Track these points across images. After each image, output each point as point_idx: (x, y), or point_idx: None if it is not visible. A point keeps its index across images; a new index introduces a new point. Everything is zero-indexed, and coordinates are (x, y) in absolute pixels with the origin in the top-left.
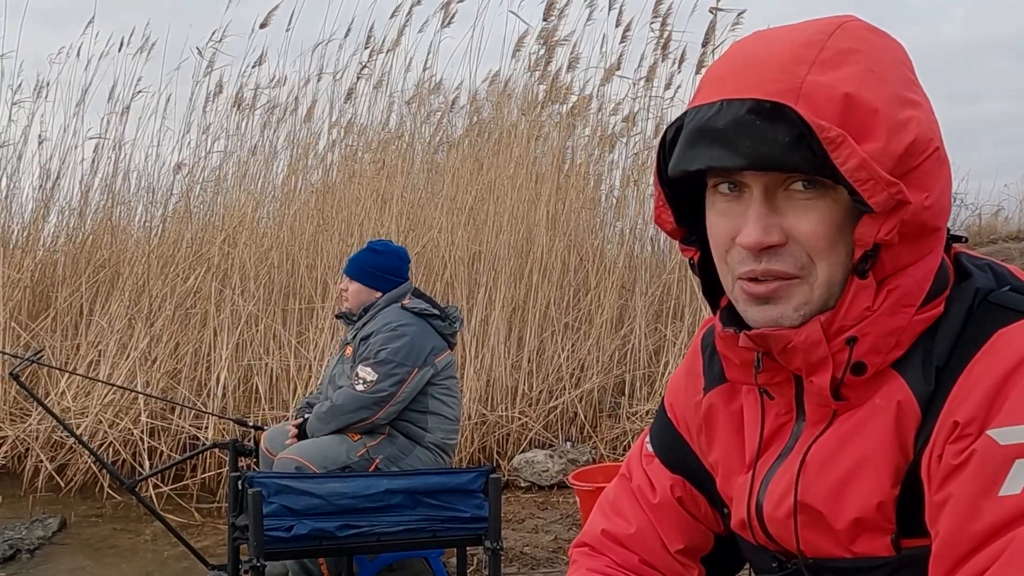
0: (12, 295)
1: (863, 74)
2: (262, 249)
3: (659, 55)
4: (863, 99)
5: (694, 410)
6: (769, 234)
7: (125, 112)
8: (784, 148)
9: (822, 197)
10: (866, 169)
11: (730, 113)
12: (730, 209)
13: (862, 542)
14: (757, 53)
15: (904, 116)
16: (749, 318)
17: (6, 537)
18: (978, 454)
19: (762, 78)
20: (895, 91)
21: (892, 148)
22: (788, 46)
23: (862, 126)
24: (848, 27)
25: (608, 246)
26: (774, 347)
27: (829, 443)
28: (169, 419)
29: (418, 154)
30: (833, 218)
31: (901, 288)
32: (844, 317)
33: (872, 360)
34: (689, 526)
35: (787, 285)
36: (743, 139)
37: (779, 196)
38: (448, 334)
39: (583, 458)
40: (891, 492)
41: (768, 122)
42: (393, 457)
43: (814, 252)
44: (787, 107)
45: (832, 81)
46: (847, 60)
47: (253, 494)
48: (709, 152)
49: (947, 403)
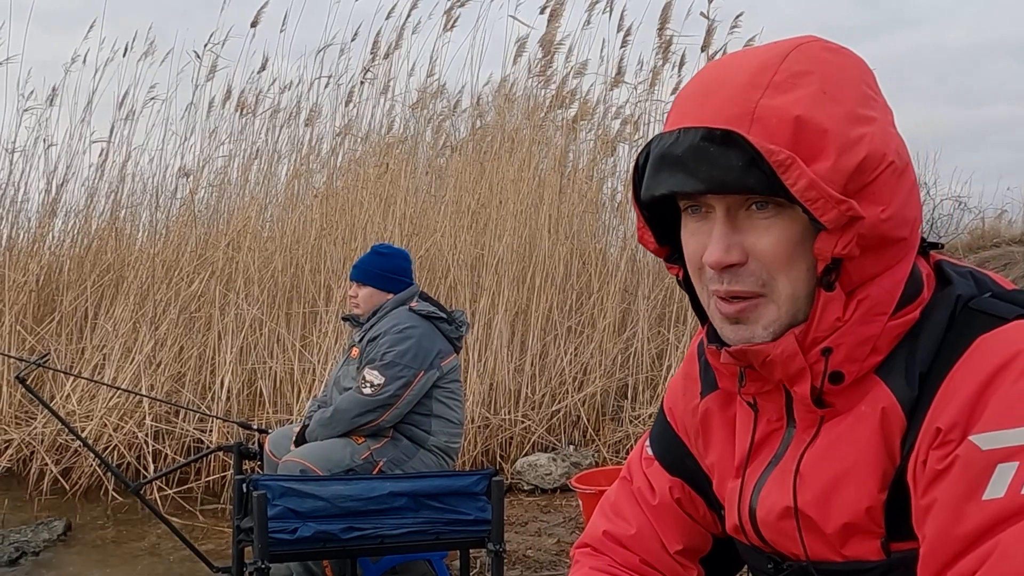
0: (18, 299)
1: (814, 95)
2: (266, 253)
3: (660, 59)
4: (813, 120)
5: (692, 414)
6: (730, 253)
7: (131, 117)
8: (738, 172)
9: (780, 215)
10: (815, 189)
11: (687, 141)
12: (699, 229)
13: (852, 546)
14: (717, 79)
15: (856, 134)
16: (725, 336)
17: (11, 540)
18: (961, 459)
19: (718, 105)
20: (848, 109)
21: (842, 166)
22: (744, 71)
23: (812, 147)
24: (803, 48)
25: (611, 250)
26: (754, 361)
27: (819, 450)
28: (173, 422)
29: (421, 158)
30: (791, 236)
31: (871, 297)
32: (817, 329)
33: (849, 368)
34: (688, 527)
35: (753, 305)
36: (700, 165)
37: (740, 216)
38: (454, 338)
39: (586, 461)
40: (879, 497)
41: (721, 148)
42: (397, 460)
43: (773, 269)
44: (736, 134)
45: (783, 104)
46: (799, 82)
47: (257, 497)
48: (672, 178)
49: (930, 409)
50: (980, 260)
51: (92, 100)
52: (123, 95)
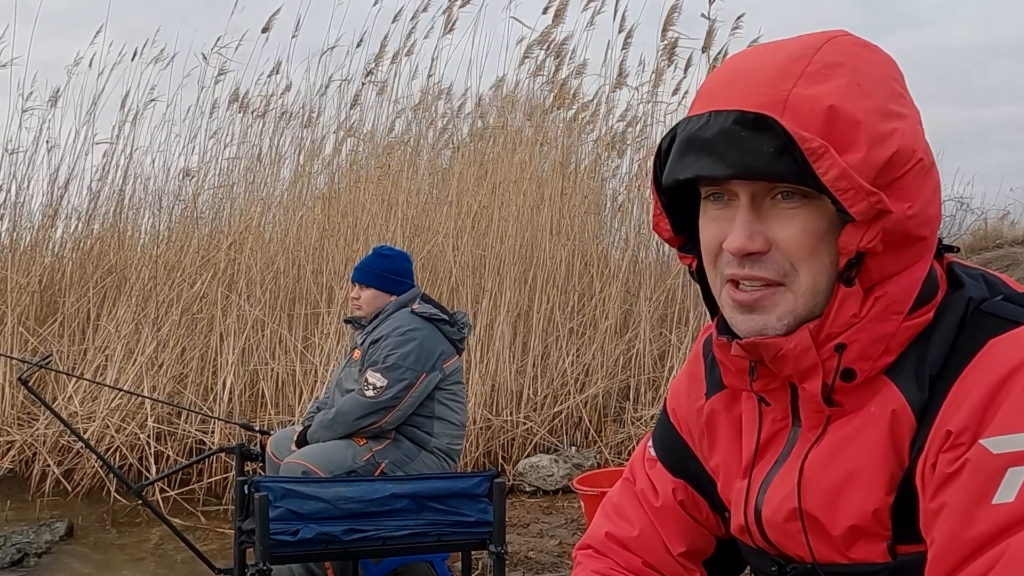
0: (20, 300)
1: (847, 87)
2: (268, 255)
3: (664, 60)
4: (846, 111)
5: (696, 415)
6: (753, 240)
7: (135, 119)
8: (768, 158)
9: (806, 207)
10: (847, 179)
11: (717, 124)
12: (720, 216)
13: (858, 548)
14: (747, 67)
15: (887, 128)
16: (735, 326)
17: (14, 541)
18: (971, 463)
19: (750, 91)
20: (879, 103)
21: (873, 159)
22: (777, 60)
23: (844, 137)
24: (836, 41)
25: (613, 251)
26: (765, 355)
27: (826, 450)
28: (176, 424)
29: (423, 160)
30: (816, 227)
31: (888, 295)
32: (832, 324)
33: (861, 367)
34: (691, 529)
35: (771, 293)
36: (730, 149)
37: (765, 205)
38: (456, 339)
39: (588, 463)
40: (886, 499)
41: (753, 132)
42: (399, 461)
43: (796, 260)
44: (771, 118)
45: (817, 94)
46: (833, 73)
47: (259, 498)
48: (698, 162)
49: (941, 412)
50: (983, 261)
51: (96, 102)
52: (126, 97)
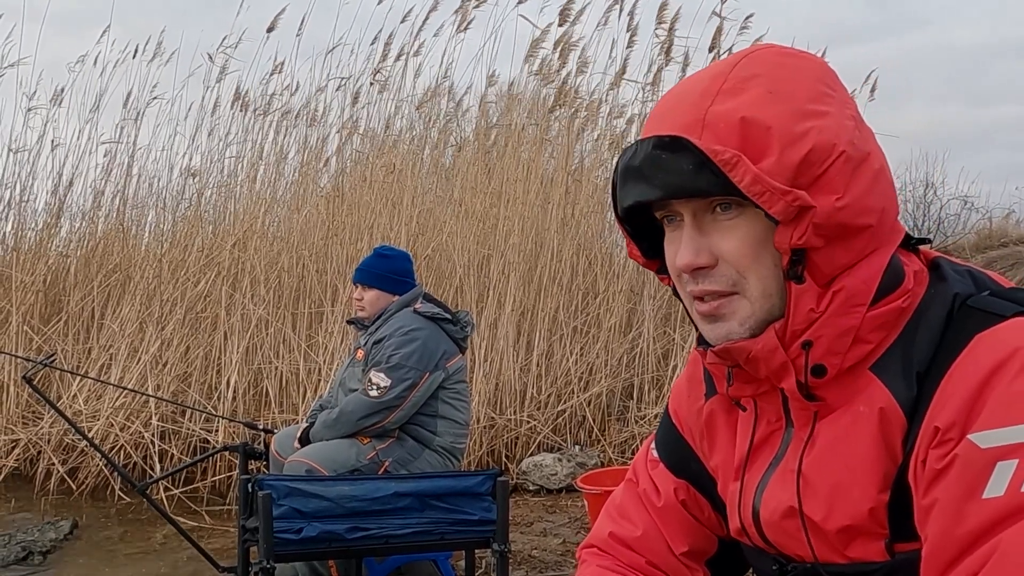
0: (25, 299)
1: (760, 97)
2: (272, 253)
3: (663, 60)
4: (757, 120)
5: (696, 416)
6: (699, 256)
7: (139, 118)
8: (689, 175)
9: (742, 215)
10: (760, 183)
11: (642, 151)
12: (674, 237)
13: (856, 547)
14: (678, 94)
15: (801, 129)
16: (705, 335)
17: (18, 539)
18: (960, 458)
19: (676, 116)
20: (795, 107)
21: (787, 160)
22: (700, 83)
23: (757, 145)
24: (756, 55)
25: (617, 250)
26: (738, 358)
27: (821, 450)
28: (180, 422)
29: (427, 158)
30: (755, 234)
31: (847, 289)
32: (794, 322)
33: (831, 361)
34: (693, 529)
35: (727, 301)
36: (655, 173)
37: (707, 220)
38: (459, 338)
39: (591, 462)
40: (882, 498)
41: (671, 154)
42: (402, 460)
43: (741, 268)
44: (683, 139)
45: (730, 108)
46: (746, 86)
47: (263, 496)
48: (635, 188)
49: (929, 408)
50: (987, 260)
51: (100, 101)
52: (129, 95)
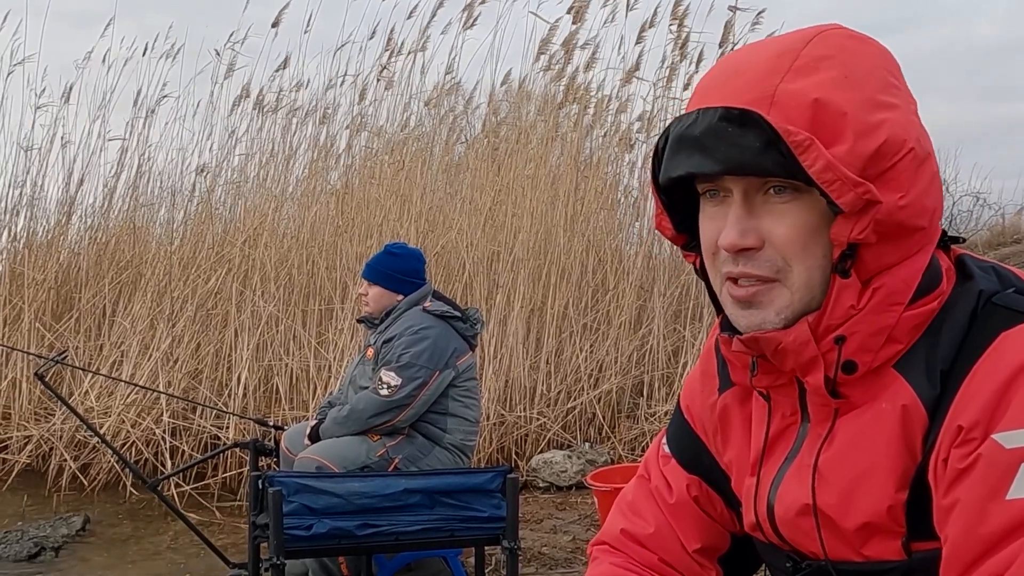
0: (37, 296)
1: (835, 80)
2: (282, 250)
3: (677, 55)
4: (832, 103)
5: (710, 411)
6: (745, 236)
7: (150, 115)
8: (755, 153)
9: (797, 200)
10: (833, 170)
11: (705, 121)
12: (716, 213)
13: (872, 545)
14: (738, 64)
15: (875, 119)
16: (736, 321)
17: (31, 535)
18: (984, 458)
19: (739, 87)
20: (868, 95)
21: (860, 150)
22: (766, 56)
23: (831, 130)
24: (826, 35)
25: (626, 247)
26: (766, 349)
27: (838, 446)
28: (191, 419)
29: (436, 155)
30: (808, 221)
31: (887, 287)
32: (830, 316)
33: (862, 358)
34: (706, 526)
35: (766, 289)
36: (717, 145)
37: (758, 200)
38: (469, 336)
39: (601, 459)
40: (900, 496)
41: (739, 128)
42: (412, 457)
43: (788, 255)
44: (755, 113)
45: (803, 88)
46: (820, 67)
47: (273, 493)
48: (689, 159)
49: (952, 407)
50: (1000, 256)
51: (109, 98)
52: (140, 93)
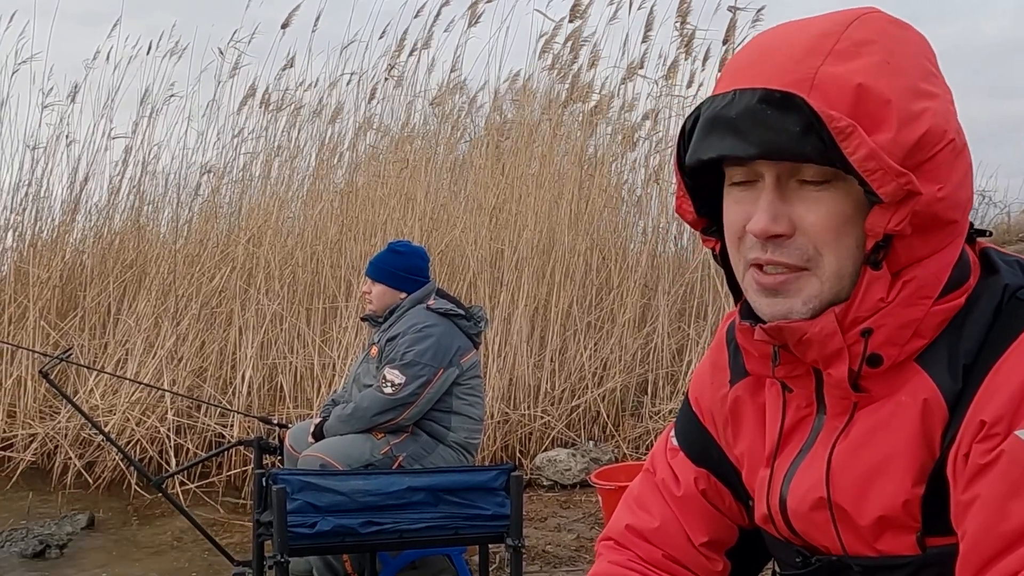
0: (41, 294)
1: (877, 65)
2: (287, 249)
3: (682, 53)
4: (875, 90)
5: (720, 403)
6: (777, 222)
7: (153, 114)
8: (794, 137)
9: (832, 188)
10: (875, 159)
11: (742, 103)
12: (744, 197)
13: (886, 540)
14: (774, 44)
15: (918, 107)
16: (759, 309)
17: (36, 533)
18: (1006, 454)
19: (776, 69)
20: (910, 82)
21: (903, 139)
22: (805, 37)
23: (873, 116)
24: (867, 19)
25: (631, 245)
26: (789, 339)
27: (855, 439)
28: (195, 417)
29: (441, 154)
30: (842, 210)
31: (917, 280)
32: (858, 308)
33: (888, 352)
34: (713, 519)
35: (794, 278)
36: (754, 128)
37: (790, 186)
38: (473, 334)
39: (605, 457)
40: (916, 490)
41: (778, 111)
42: (416, 455)
43: (820, 244)
44: (797, 97)
45: (845, 72)
46: (862, 51)
47: (277, 491)
48: (722, 141)
49: (974, 401)
50: None
51: (114, 97)
52: (145, 91)
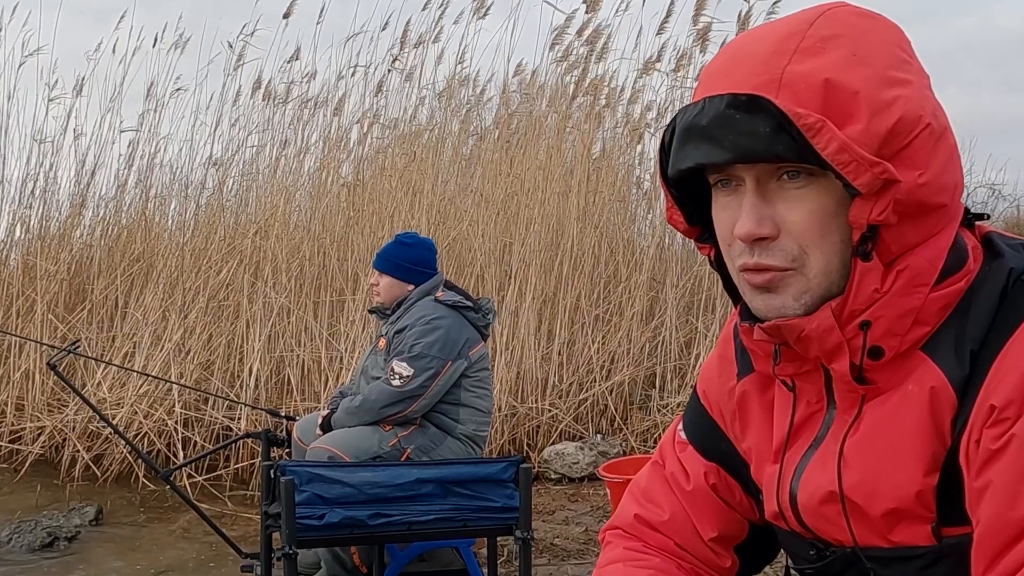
0: (49, 288)
1: (844, 58)
2: (294, 242)
3: (696, 46)
4: (843, 83)
5: (728, 397)
6: (762, 225)
7: (159, 107)
8: (765, 139)
9: (812, 185)
10: (847, 151)
11: (712, 110)
12: (729, 203)
13: (901, 531)
14: (743, 49)
15: (889, 96)
16: (754, 308)
17: (44, 525)
18: (1017, 438)
19: (745, 73)
20: (879, 72)
21: (875, 128)
22: (771, 39)
23: (843, 110)
24: (831, 14)
25: (639, 238)
26: (788, 337)
27: (864, 431)
28: (203, 410)
29: (448, 147)
30: (824, 206)
31: (911, 268)
32: (854, 301)
33: (889, 343)
34: (723, 513)
35: (781, 275)
36: (726, 133)
37: (771, 187)
38: (482, 326)
39: (613, 450)
40: (930, 480)
41: (747, 114)
42: (424, 447)
43: (805, 243)
44: (762, 98)
45: (812, 69)
46: (828, 46)
47: (285, 482)
48: (698, 150)
49: (983, 387)
50: None
51: (122, 90)
52: (152, 84)
